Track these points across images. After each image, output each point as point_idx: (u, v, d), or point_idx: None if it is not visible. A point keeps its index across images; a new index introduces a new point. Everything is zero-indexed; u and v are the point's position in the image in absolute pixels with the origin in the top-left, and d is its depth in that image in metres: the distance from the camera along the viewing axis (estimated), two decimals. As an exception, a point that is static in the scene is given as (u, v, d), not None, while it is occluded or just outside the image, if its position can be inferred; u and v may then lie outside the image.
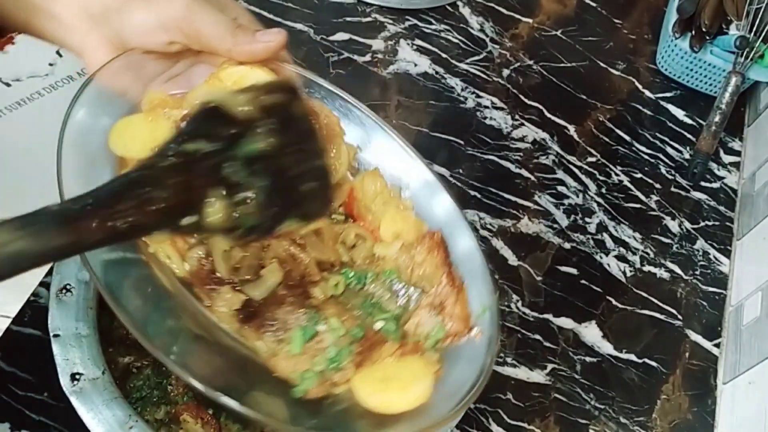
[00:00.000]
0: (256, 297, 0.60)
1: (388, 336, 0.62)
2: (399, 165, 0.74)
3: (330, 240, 0.67)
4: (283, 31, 0.65)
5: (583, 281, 1.03)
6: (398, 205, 0.71)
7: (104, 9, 0.63)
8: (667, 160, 1.18)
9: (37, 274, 0.83)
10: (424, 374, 0.61)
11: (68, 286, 0.74)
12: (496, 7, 1.30)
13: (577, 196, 1.12)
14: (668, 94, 1.27)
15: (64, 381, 0.69)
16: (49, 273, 0.75)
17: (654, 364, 0.99)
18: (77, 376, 0.69)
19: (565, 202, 1.12)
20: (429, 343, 0.64)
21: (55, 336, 0.70)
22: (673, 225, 1.12)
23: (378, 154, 0.73)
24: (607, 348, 0.99)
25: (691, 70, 1.22)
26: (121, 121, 0.64)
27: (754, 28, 1.15)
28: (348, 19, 1.21)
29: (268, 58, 0.67)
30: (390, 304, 0.65)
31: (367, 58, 1.19)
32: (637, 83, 1.27)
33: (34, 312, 0.85)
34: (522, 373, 0.94)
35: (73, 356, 0.70)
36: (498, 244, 1.02)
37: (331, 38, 1.20)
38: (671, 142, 1.21)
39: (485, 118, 1.17)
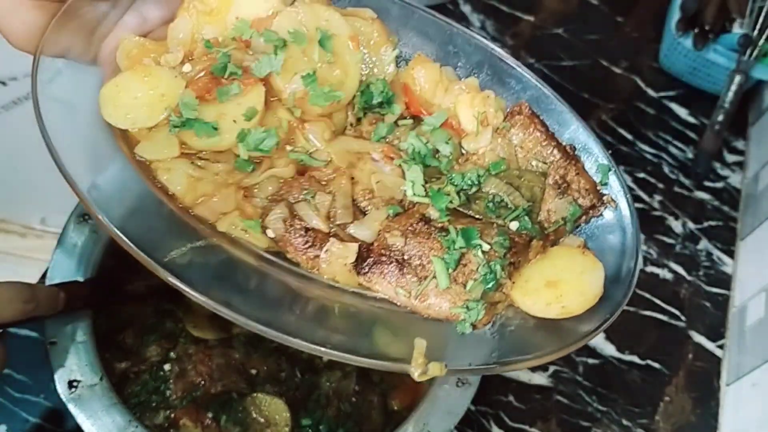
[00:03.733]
0: (367, 239, 0.54)
1: (529, 232, 0.56)
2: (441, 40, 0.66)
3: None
4: None
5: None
6: (464, 88, 0.62)
7: None
8: (670, 160, 1.17)
9: (33, 277, 0.82)
10: (590, 266, 0.55)
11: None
12: (498, 5, 1.29)
13: (580, 196, 1.12)
14: (671, 93, 1.25)
15: (62, 389, 0.68)
16: (44, 276, 0.74)
17: (657, 365, 0.98)
18: (75, 384, 0.68)
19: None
20: (569, 226, 0.59)
21: (51, 343, 0.69)
22: (676, 225, 1.11)
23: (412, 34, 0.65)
24: (609, 350, 0.98)
25: (695, 68, 1.21)
26: (108, 86, 0.55)
27: (758, 27, 1.14)
28: (348, 17, 1.20)
29: None
30: (515, 198, 0.57)
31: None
32: (639, 82, 1.26)
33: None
34: (523, 375, 0.94)
35: (70, 363, 0.69)
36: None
37: (331, 36, 1.19)
38: (674, 142, 1.20)
39: (487, 116, 1.17)
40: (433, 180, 0.57)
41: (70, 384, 0.68)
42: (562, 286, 0.53)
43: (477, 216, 0.56)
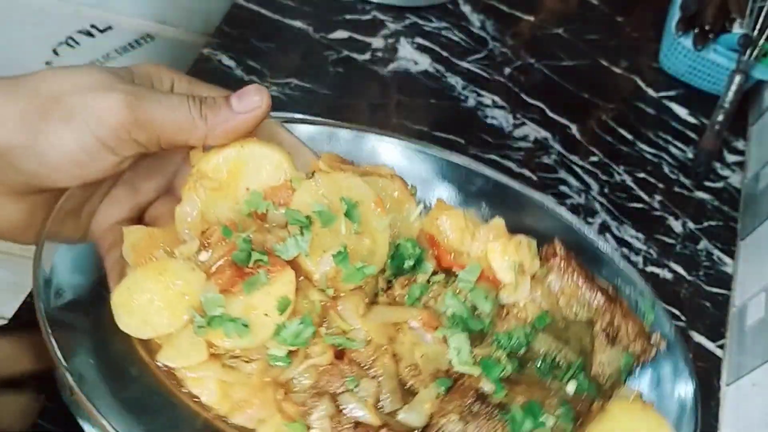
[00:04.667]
0: (420, 424, 0.50)
1: (588, 393, 0.53)
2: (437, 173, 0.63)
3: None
4: (262, 87, 0.51)
5: (585, 282, 1.02)
6: (492, 231, 0.58)
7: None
8: (670, 160, 1.17)
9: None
10: (654, 424, 0.53)
11: (60, 291, 0.73)
12: (497, 4, 1.28)
13: (580, 196, 1.11)
14: (671, 93, 1.25)
15: (64, 392, 0.68)
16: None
17: (657, 365, 0.98)
18: (76, 387, 0.68)
19: (567, 202, 1.11)
20: (624, 375, 0.56)
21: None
22: (676, 225, 1.11)
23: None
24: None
25: (695, 68, 1.20)
26: (119, 291, 0.50)
27: (758, 27, 1.13)
28: (347, 16, 1.20)
29: (254, 128, 0.51)
30: (567, 355, 0.54)
31: (367, 56, 1.17)
32: (639, 82, 1.25)
33: (30, 314, 0.84)
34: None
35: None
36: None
37: (331, 36, 1.18)
38: (674, 142, 1.19)
39: (486, 117, 1.16)
40: (477, 343, 0.54)
41: (71, 390, 0.68)
42: None
43: (531, 381, 0.53)
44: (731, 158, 1.19)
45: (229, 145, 0.52)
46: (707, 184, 1.17)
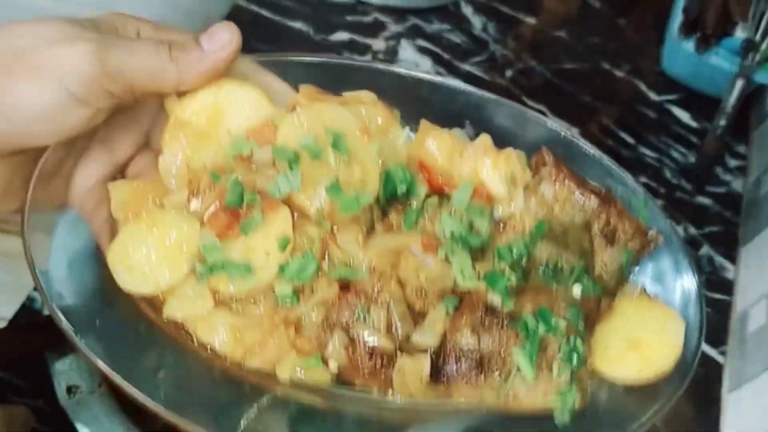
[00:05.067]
0: (434, 344, 0.51)
1: (594, 293, 0.53)
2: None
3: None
4: (231, 24, 0.49)
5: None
6: (480, 148, 0.57)
7: None
8: (671, 164, 1.17)
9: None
10: (664, 316, 0.53)
11: (61, 294, 0.72)
12: (499, 7, 1.28)
13: (581, 200, 1.12)
14: (673, 97, 1.25)
15: (61, 394, 0.67)
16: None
17: (658, 371, 0.98)
18: (74, 389, 0.68)
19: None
20: (626, 273, 0.56)
21: (51, 349, 0.69)
22: (677, 230, 1.11)
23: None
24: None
25: (697, 72, 1.20)
26: (114, 249, 0.49)
27: (760, 31, 1.13)
28: (348, 18, 1.19)
29: (228, 66, 0.50)
30: (568, 259, 0.54)
31: (368, 58, 1.17)
32: (641, 85, 1.25)
33: (29, 316, 0.83)
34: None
35: (69, 369, 0.69)
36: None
37: (332, 38, 1.18)
38: (676, 146, 1.19)
39: (487, 119, 1.16)
40: (479, 259, 0.54)
41: (69, 390, 0.67)
42: (645, 346, 0.52)
43: (537, 288, 0.53)
44: (733, 163, 1.19)
45: (204, 89, 0.51)
46: (709, 188, 1.17)
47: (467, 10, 1.26)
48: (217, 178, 0.51)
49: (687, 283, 0.57)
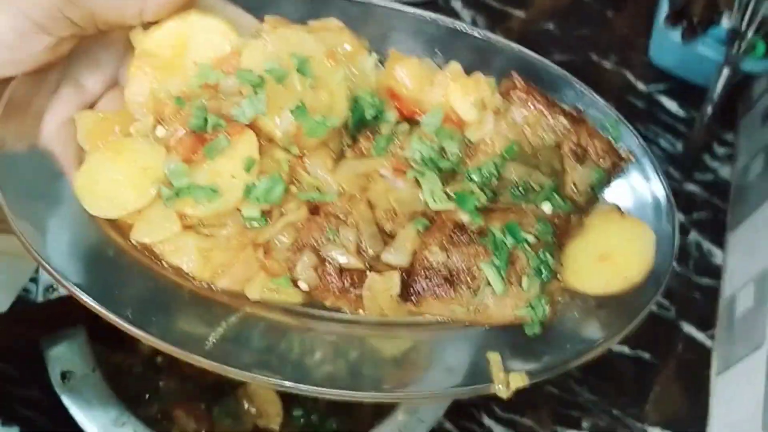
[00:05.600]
0: (404, 263, 0.51)
1: (564, 210, 0.53)
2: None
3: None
4: None
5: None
6: (449, 74, 0.57)
7: None
8: (660, 153, 1.18)
9: (27, 272, 0.83)
10: (635, 229, 0.53)
11: (55, 285, 0.73)
12: (488, 0, 1.30)
13: (571, 190, 1.12)
14: (661, 87, 1.26)
15: (55, 380, 0.68)
16: (38, 269, 0.75)
17: (647, 356, 0.98)
18: (67, 375, 0.69)
19: (558, 195, 1.12)
20: (598, 191, 0.56)
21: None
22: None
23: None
24: (599, 340, 0.99)
25: (684, 62, 1.21)
26: (80, 175, 0.49)
27: (746, 20, 1.14)
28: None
29: None
30: (538, 178, 0.54)
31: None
32: (629, 76, 1.26)
33: (24, 306, 0.84)
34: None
35: (63, 354, 0.70)
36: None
37: (323, 34, 1.19)
38: (664, 134, 1.20)
39: (477, 112, 1.17)
40: (449, 182, 0.54)
41: (63, 375, 0.68)
42: (615, 257, 0.52)
43: (507, 207, 0.53)
44: (720, 150, 1.20)
45: (169, 20, 0.51)
46: (697, 176, 1.18)
47: (456, 5, 1.27)
48: (182, 103, 0.51)
49: (658, 194, 0.57)
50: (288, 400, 0.79)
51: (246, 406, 0.78)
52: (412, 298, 0.50)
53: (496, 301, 0.50)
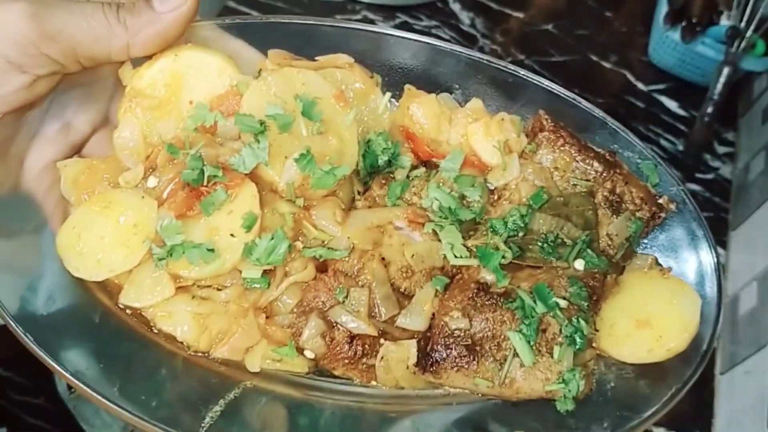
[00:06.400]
0: (421, 327, 0.46)
1: (599, 268, 0.47)
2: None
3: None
4: None
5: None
6: (470, 112, 0.52)
7: None
8: (661, 152, 1.17)
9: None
10: (678, 290, 0.48)
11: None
12: (487, 2, 1.29)
13: (572, 190, 1.12)
14: (661, 86, 1.25)
15: (62, 389, 0.68)
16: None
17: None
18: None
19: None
20: (635, 244, 0.50)
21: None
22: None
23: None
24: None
25: (683, 61, 1.21)
26: (63, 232, 0.44)
27: (745, 18, 1.14)
28: (338, 16, 1.20)
29: (184, 29, 0.44)
30: (569, 231, 0.48)
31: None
32: (629, 76, 1.26)
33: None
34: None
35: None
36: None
37: (322, 37, 1.19)
38: (665, 134, 1.20)
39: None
40: (470, 233, 0.49)
41: (70, 386, 0.68)
42: (656, 323, 0.46)
43: (535, 264, 0.48)
44: (721, 149, 1.20)
45: (161, 56, 0.46)
46: (698, 175, 1.17)
47: (455, 6, 1.26)
48: (175, 151, 0.46)
49: (703, 255, 0.51)
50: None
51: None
52: (431, 368, 0.45)
53: (525, 374, 0.44)
